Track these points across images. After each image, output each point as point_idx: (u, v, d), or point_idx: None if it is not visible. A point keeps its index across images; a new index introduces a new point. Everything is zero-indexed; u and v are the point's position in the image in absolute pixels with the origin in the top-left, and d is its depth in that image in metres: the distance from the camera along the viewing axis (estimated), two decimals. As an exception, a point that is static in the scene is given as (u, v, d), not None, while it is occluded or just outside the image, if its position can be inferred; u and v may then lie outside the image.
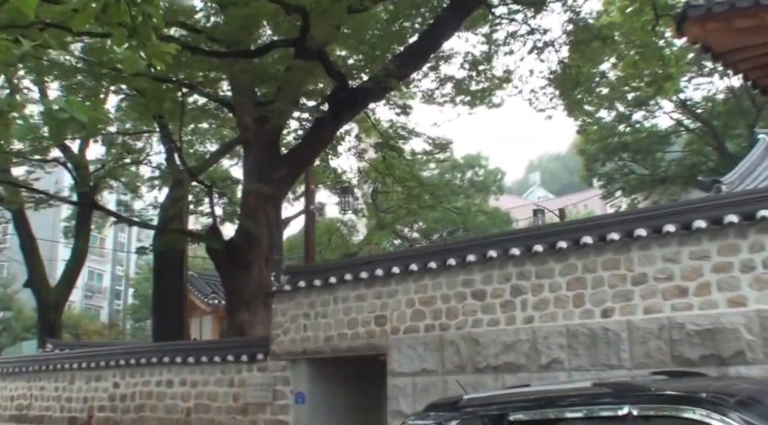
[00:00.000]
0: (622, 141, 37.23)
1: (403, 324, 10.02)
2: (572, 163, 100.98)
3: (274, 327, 11.62)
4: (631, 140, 36.74)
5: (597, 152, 38.42)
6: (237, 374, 11.91)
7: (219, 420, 11.87)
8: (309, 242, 13.46)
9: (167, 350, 13.10)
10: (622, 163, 38.92)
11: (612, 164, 39.11)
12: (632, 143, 36.74)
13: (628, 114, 36.50)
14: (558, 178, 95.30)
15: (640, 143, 36.60)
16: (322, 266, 11.66)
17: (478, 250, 9.45)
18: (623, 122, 37.01)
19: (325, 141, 15.49)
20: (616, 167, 39.30)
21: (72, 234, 33.06)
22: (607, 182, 38.47)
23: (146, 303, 47.62)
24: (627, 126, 37.25)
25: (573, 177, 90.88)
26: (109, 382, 13.85)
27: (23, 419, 15.68)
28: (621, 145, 37.40)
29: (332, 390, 11.52)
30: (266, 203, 14.55)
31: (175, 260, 16.96)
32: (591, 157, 38.84)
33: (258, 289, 14.34)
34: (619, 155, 38.24)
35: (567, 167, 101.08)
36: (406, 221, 35.73)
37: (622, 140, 37.25)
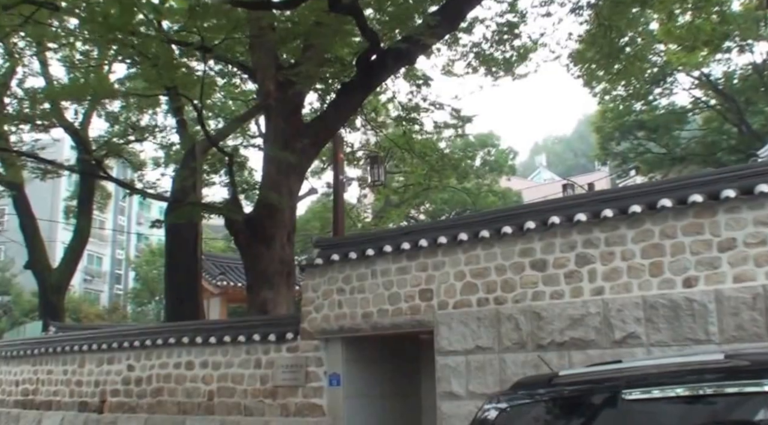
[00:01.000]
0: (638, 119, 36.37)
1: (453, 298, 9.14)
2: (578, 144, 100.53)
3: (304, 304, 10.75)
4: (648, 118, 35.86)
5: (612, 131, 37.57)
6: (264, 354, 11.04)
7: (245, 404, 11.01)
8: (338, 215, 12.55)
9: (186, 330, 12.22)
10: (638, 142, 38.05)
11: (627, 143, 38.28)
12: (649, 121, 35.86)
13: (645, 91, 35.64)
14: (563, 160, 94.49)
15: (657, 121, 35.73)
16: (358, 238, 10.77)
17: (538, 216, 8.57)
18: (640, 100, 36.14)
19: (352, 108, 14.53)
20: (631, 145, 38.43)
21: (73, 214, 32.15)
22: (622, 162, 37.61)
23: (148, 287, 46.83)
24: (644, 104, 36.39)
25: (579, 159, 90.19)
26: (122, 364, 12.98)
27: (30, 404, 14.82)
28: (637, 123, 36.55)
29: (368, 372, 10.68)
30: (289, 174, 13.63)
31: (189, 236, 16.04)
32: (606, 136, 37.98)
33: (281, 265, 13.44)
34: (634, 133, 37.42)
35: (572, 149, 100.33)
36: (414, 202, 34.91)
37: (638, 118, 36.39)
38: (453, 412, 8.75)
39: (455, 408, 8.74)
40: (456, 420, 8.69)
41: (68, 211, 33.03)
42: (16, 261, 46.39)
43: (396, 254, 9.78)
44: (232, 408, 11.14)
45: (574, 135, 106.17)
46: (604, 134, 38.06)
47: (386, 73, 14.04)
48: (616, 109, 36.27)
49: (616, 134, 37.87)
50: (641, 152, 37.95)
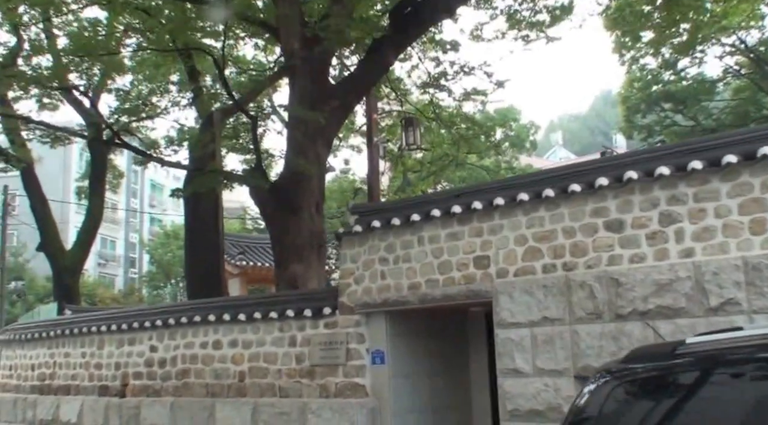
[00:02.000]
0: (665, 90, 35.23)
1: (513, 264, 8.21)
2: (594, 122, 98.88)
3: (343, 276, 9.84)
4: (676, 89, 34.73)
5: (638, 102, 36.46)
6: (299, 331, 10.16)
7: (280, 384, 10.15)
8: (373, 179, 11.58)
9: (213, 307, 11.34)
10: (664, 114, 36.91)
11: (653, 115, 37.18)
12: (676, 92, 34.72)
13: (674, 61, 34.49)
14: (579, 138, 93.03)
15: (685, 92, 34.60)
16: (401, 203, 9.84)
17: (612, 172, 7.59)
18: (668, 69, 35.01)
19: (385, 66, 13.51)
20: (658, 118, 37.30)
21: (85, 195, 31.35)
22: (648, 135, 36.45)
23: (163, 270, 46.14)
24: (672, 74, 35.27)
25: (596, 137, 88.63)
26: (144, 345, 12.13)
27: (47, 389, 14.03)
28: (664, 94, 35.42)
29: (414, 348, 9.80)
30: (316, 139, 12.68)
31: (209, 209, 15.14)
32: (632, 108, 36.87)
33: (310, 237, 12.53)
34: (661, 105, 36.32)
35: (589, 127, 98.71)
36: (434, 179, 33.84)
37: (665, 89, 35.26)
38: (518, 391, 7.85)
39: (520, 386, 7.83)
40: (521, 399, 7.79)
41: (80, 192, 32.22)
42: (29, 246, 45.83)
43: (446, 218, 8.84)
44: (266, 389, 10.28)
45: (590, 113, 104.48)
46: (630, 105, 36.95)
47: (422, 27, 13.01)
48: (644, 78, 35.16)
49: (642, 106, 36.80)
50: (668, 125, 36.85)
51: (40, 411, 13.80)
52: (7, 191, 30.56)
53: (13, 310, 38.37)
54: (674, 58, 34.48)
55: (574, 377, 7.48)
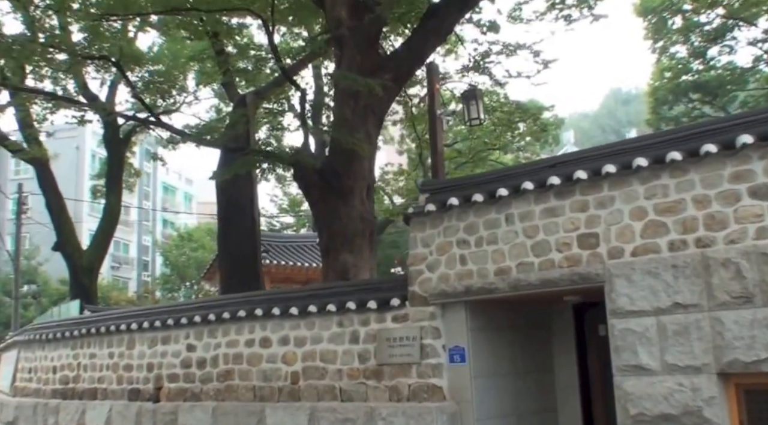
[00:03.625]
0: (694, 80, 34.10)
1: (630, 242, 6.95)
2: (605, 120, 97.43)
3: (413, 262, 8.60)
4: (705, 79, 33.56)
5: (666, 93, 35.31)
6: (362, 326, 8.92)
7: (341, 386, 8.91)
8: (437, 154, 10.38)
9: (259, 300, 10.14)
10: (692, 105, 35.73)
11: (681, 106, 36.03)
12: (706, 82, 33.54)
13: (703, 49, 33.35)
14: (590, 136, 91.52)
15: (715, 81, 33.44)
16: (483, 176, 8.59)
17: (758, 128, 6.34)
18: (698, 58, 33.89)
19: (443, 34, 12.25)
20: (686, 109, 36.14)
21: (101, 194, 30.29)
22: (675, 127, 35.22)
23: (178, 272, 45.01)
24: (701, 63, 34.13)
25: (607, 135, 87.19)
26: (180, 344, 10.92)
27: (71, 394, 12.84)
28: (692, 84, 34.29)
29: (497, 344, 8.57)
30: (367, 116, 11.48)
31: (245, 197, 13.96)
32: (660, 99, 35.70)
33: (361, 224, 11.31)
34: (689, 96, 35.17)
35: (600, 125, 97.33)
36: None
37: (694, 79, 34.14)
38: (642, 391, 6.58)
39: (646, 386, 6.57)
40: (648, 401, 6.52)
41: (95, 191, 31.14)
42: (42, 249, 44.78)
43: (540, 192, 7.61)
44: (324, 392, 9.04)
45: (601, 111, 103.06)
46: (658, 96, 35.79)
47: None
48: (674, 67, 33.99)
49: (670, 97, 35.68)
50: (696, 116, 35.70)
51: (63, 417, 12.60)
52: (21, 189, 29.41)
53: (26, 314, 37.23)
54: (704, 47, 33.45)
55: (716, 374, 6.21)
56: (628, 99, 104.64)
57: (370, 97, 11.29)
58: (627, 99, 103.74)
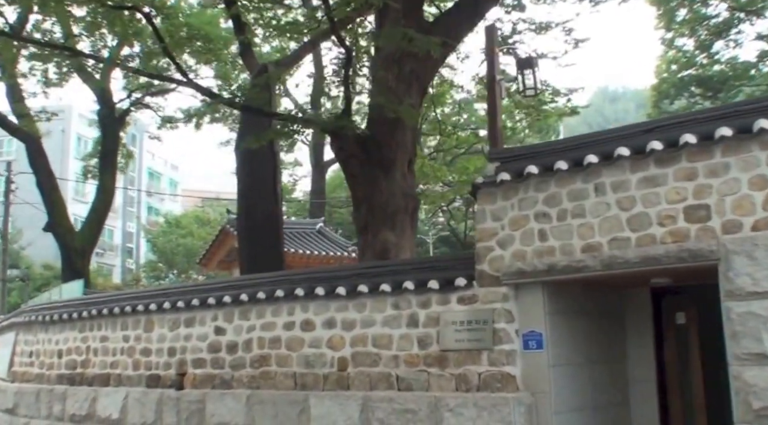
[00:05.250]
0: (697, 74, 33.74)
1: (749, 215, 6.20)
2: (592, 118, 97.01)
3: (482, 238, 7.79)
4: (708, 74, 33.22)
5: (669, 88, 34.94)
6: (422, 308, 8.09)
7: (398, 374, 8.08)
8: (495, 122, 9.56)
9: (299, 279, 9.27)
10: (694, 100, 35.38)
11: (683, 100, 35.69)
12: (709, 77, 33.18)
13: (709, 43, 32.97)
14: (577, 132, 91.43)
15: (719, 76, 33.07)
16: (567, 142, 7.77)
17: None
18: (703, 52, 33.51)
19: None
20: (687, 104, 35.79)
21: (92, 174, 29.19)
22: (675, 122, 34.83)
23: (166, 259, 43.88)
24: (706, 57, 33.76)
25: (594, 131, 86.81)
26: (207, 327, 10.03)
27: (78, 379, 11.90)
28: (695, 78, 33.93)
29: (574, 330, 7.81)
30: (411, 83, 10.62)
31: (266, 171, 13.06)
32: (663, 93, 35.30)
33: (403, 200, 10.47)
34: (691, 91, 34.83)
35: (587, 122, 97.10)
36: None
37: (697, 73, 33.78)
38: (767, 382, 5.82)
39: (774, 376, 5.81)
40: (776, 394, 5.76)
41: (86, 172, 29.99)
42: (25, 232, 43.42)
43: (637, 159, 6.83)
44: (378, 380, 8.21)
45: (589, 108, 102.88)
46: (662, 89, 35.37)
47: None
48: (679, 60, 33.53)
49: (672, 91, 35.32)
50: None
51: (72, 404, 11.66)
52: (10, 167, 28.20)
53: (9, 299, 35.93)
54: (710, 40, 33.11)
55: None
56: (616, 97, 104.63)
57: (415, 63, 10.46)
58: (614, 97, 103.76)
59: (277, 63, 14.19)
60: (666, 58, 33.46)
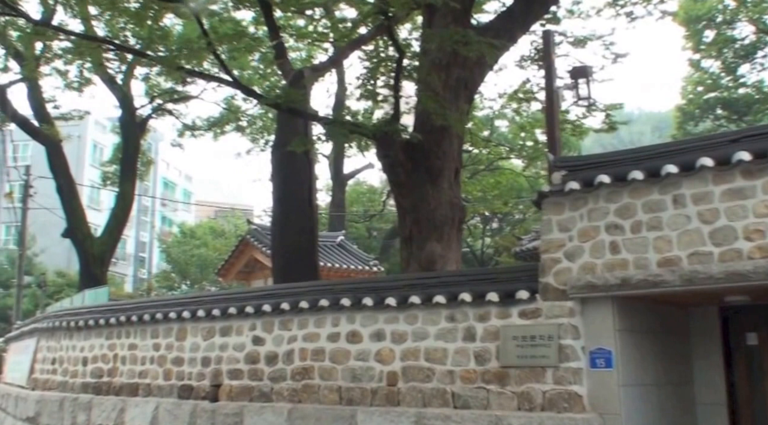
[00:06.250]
0: (723, 97, 33.50)
1: None
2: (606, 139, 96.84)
3: (547, 249, 7.40)
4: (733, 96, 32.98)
5: (694, 109, 34.67)
6: (479, 322, 7.69)
7: (454, 391, 7.67)
8: (554, 132, 9.19)
9: (345, 288, 8.89)
10: (719, 122, 35.10)
11: (708, 122, 35.42)
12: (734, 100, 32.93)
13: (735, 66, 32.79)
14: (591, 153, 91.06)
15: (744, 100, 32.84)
16: (642, 151, 7.38)
17: None
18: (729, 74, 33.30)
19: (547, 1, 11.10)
20: (712, 126, 35.50)
21: (111, 181, 28.96)
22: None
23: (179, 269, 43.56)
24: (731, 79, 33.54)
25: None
26: (245, 336, 9.63)
27: (105, 389, 11.51)
28: (720, 101, 33.68)
29: (643, 349, 7.40)
30: (458, 91, 10.29)
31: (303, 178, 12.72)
32: (688, 114, 35.01)
33: (451, 210, 10.10)
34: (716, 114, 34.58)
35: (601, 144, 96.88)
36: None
37: (723, 95, 33.55)
38: None
39: None
40: None
41: (105, 178, 29.77)
42: (38, 239, 43.16)
43: (722, 170, 6.44)
44: (432, 397, 7.79)
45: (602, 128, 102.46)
46: (687, 111, 35.09)
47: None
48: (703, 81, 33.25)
49: (697, 112, 35.08)
50: (722, 136, 35.00)
51: (98, 414, 11.26)
52: (29, 171, 27.96)
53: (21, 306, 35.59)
54: (735, 63, 32.97)
55: None
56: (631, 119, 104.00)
57: (463, 70, 10.12)
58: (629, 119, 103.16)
59: (313, 68, 13.90)
60: (692, 80, 33.15)
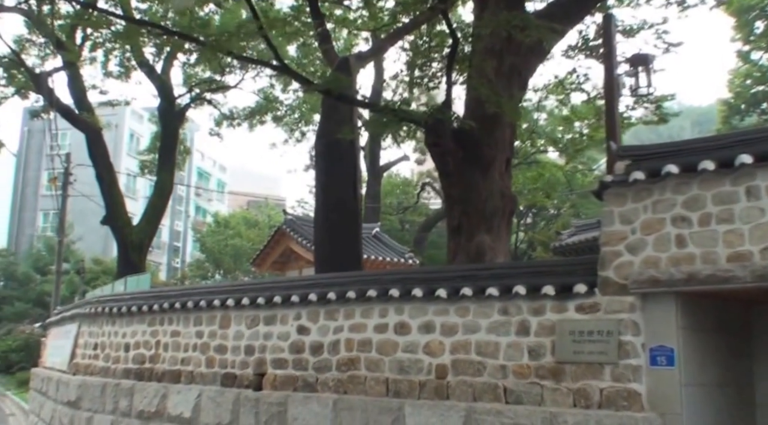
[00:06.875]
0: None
1: None
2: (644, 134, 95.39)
3: (609, 242, 7.13)
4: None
5: (740, 103, 33.80)
6: (534, 315, 7.46)
7: (506, 385, 7.45)
8: (613, 123, 8.91)
9: (393, 279, 8.70)
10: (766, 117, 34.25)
11: (754, 117, 34.58)
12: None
13: (784, 55, 31.92)
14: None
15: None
16: (713, 140, 7.08)
17: None
18: (780, 65, 32.43)
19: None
20: (758, 121, 34.67)
21: (149, 170, 29.15)
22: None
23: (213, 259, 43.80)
24: (782, 70, 32.64)
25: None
26: (290, 326, 9.51)
27: (147, 375, 11.48)
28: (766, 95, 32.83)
29: (706, 348, 7.10)
30: (512, 78, 10.03)
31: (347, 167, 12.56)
32: (733, 108, 34.15)
33: (501, 201, 9.85)
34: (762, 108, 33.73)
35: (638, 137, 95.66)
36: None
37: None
38: None
39: None
40: None
41: (143, 167, 29.97)
42: (75, 227, 43.66)
43: (800, 160, 6.11)
44: (483, 391, 7.58)
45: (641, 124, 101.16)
46: (733, 105, 34.24)
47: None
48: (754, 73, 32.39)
49: (743, 106, 34.23)
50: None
51: (140, 400, 11.25)
52: (69, 159, 28.21)
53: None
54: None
55: None
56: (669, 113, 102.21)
57: (516, 57, 9.85)
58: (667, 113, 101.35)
59: (358, 56, 13.71)
60: (740, 72, 32.31)
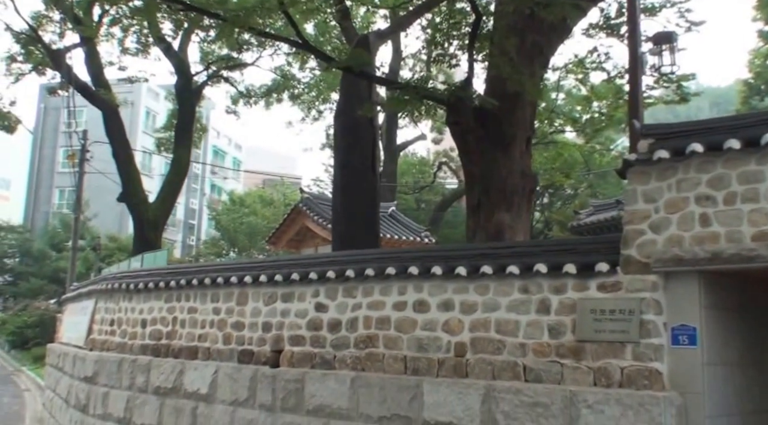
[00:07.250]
0: (788, 68, 32.21)
1: None
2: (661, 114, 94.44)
3: (631, 220, 7.06)
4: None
5: (760, 83, 33.39)
6: (554, 294, 7.40)
7: (525, 364, 7.41)
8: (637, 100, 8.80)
9: (412, 256, 8.66)
10: (786, 98, 33.79)
11: (773, 96, 34.12)
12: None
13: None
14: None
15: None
16: (738, 119, 6.97)
17: None
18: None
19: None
20: (778, 99, 34.18)
21: (165, 148, 29.20)
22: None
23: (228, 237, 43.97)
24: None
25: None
26: (308, 303, 9.50)
27: (164, 351, 11.55)
28: (786, 72, 32.40)
29: (728, 327, 7.04)
30: (533, 56, 9.90)
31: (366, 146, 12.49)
32: (754, 88, 33.75)
33: (522, 179, 9.77)
34: (781, 87, 33.30)
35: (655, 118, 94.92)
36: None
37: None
38: None
39: None
40: None
41: (160, 145, 30.02)
42: (91, 204, 43.92)
43: (829, 138, 6.00)
44: (502, 369, 7.56)
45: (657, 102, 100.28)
46: (752, 86, 33.84)
47: None
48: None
49: (763, 87, 33.82)
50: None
51: (156, 376, 11.32)
52: (86, 136, 28.29)
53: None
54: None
55: None
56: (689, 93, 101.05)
57: (539, 35, 9.73)
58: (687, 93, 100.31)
59: (378, 33, 13.60)
60: (761, 53, 31.93)
